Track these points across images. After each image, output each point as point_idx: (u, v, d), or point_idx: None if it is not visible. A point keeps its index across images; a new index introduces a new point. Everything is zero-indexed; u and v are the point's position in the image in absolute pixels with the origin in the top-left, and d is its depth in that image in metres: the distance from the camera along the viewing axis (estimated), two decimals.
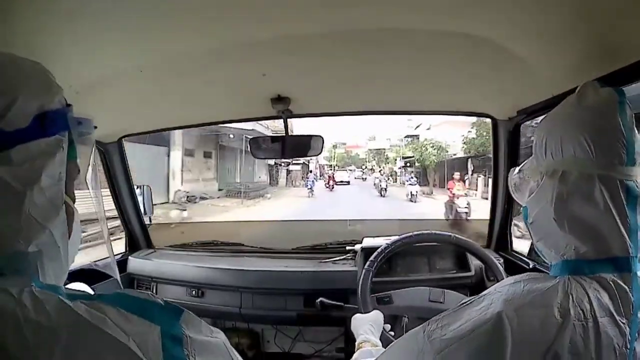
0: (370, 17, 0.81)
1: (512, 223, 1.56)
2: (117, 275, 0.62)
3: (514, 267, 1.42)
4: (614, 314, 0.48)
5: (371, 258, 1.25)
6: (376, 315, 1.08)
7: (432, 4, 0.76)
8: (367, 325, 1.02)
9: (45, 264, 0.40)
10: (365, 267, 1.24)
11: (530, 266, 1.34)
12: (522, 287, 0.52)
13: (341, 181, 25.17)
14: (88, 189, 0.52)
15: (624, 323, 0.48)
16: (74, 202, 0.46)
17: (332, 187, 20.84)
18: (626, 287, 0.50)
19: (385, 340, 1.02)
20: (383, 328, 1.07)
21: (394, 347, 0.61)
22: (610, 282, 0.50)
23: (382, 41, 0.91)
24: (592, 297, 0.49)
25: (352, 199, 16.43)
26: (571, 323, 0.47)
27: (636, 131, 0.53)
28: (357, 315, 1.10)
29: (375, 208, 13.11)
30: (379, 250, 1.26)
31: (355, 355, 0.92)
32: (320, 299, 1.38)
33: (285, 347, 1.68)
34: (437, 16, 0.80)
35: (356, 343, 0.98)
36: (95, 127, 0.49)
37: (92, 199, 0.53)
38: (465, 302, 0.54)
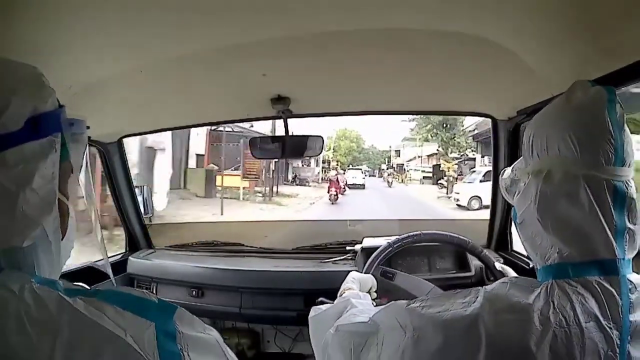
0: (370, 17, 0.81)
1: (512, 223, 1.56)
2: (112, 277, 0.64)
3: (514, 267, 1.42)
4: (600, 318, 0.47)
5: (400, 237, 1.27)
6: (367, 277, 1.10)
7: (432, 4, 0.76)
8: (353, 281, 1.06)
9: (40, 259, 0.42)
10: (391, 241, 1.26)
11: (530, 266, 1.34)
12: (507, 288, 0.51)
13: (353, 184, 17.44)
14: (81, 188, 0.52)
15: (610, 327, 0.47)
16: (68, 199, 0.47)
17: (337, 198, 13.07)
18: (613, 290, 0.48)
19: None
20: (369, 294, 1.08)
21: (382, 311, 0.62)
22: (596, 285, 0.49)
23: (382, 41, 0.91)
24: (575, 303, 0.48)
25: None
26: (551, 331, 0.46)
27: (627, 130, 0.51)
28: (353, 272, 1.13)
29: None
30: (410, 234, 1.27)
31: (345, 294, 0.94)
32: (321, 299, 1.37)
33: (285, 347, 1.68)
34: (437, 16, 0.80)
35: (341, 289, 1.02)
36: (88, 127, 0.50)
37: (85, 199, 0.53)
38: (452, 291, 0.55)
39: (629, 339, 0.47)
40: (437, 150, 19.16)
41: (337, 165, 22.57)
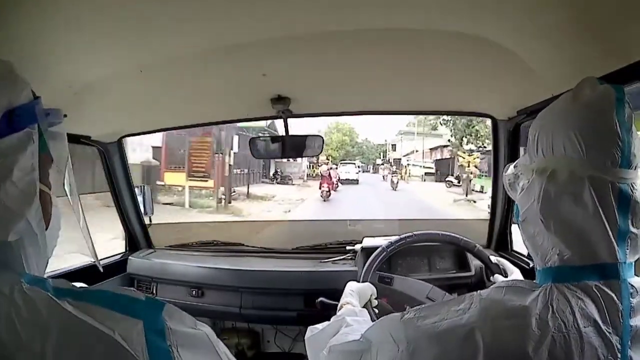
0: (370, 17, 0.81)
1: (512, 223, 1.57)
2: (98, 264, 0.67)
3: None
4: (600, 323, 0.47)
5: (393, 240, 1.27)
6: (365, 287, 1.10)
7: (432, 4, 0.76)
8: (350, 292, 1.05)
9: (27, 251, 0.42)
10: (384, 245, 1.25)
11: (530, 266, 1.34)
12: (502, 294, 0.51)
13: (347, 179, 16.65)
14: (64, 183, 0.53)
15: (610, 332, 0.46)
16: (50, 189, 0.47)
17: (329, 195, 11.91)
18: (613, 295, 0.48)
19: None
20: (370, 302, 1.09)
21: (376, 326, 0.62)
22: (595, 290, 0.48)
23: (382, 41, 0.91)
24: (575, 307, 0.47)
25: None
26: (549, 335, 0.46)
27: (635, 131, 0.50)
28: (351, 282, 1.12)
29: None
30: (401, 237, 1.27)
31: (341, 311, 0.94)
32: (320, 298, 1.38)
33: (285, 347, 1.68)
34: (437, 16, 0.80)
35: (339, 304, 1.01)
36: (65, 116, 0.50)
37: (69, 196, 0.54)
38: (447, 300, 0.54)
39: (630, 344, 0.47)
40: (449, 140, 15.84)
41: (328, 160, 19.69)
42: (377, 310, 1.13)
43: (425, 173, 19.49)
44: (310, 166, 19.98)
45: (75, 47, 0.84)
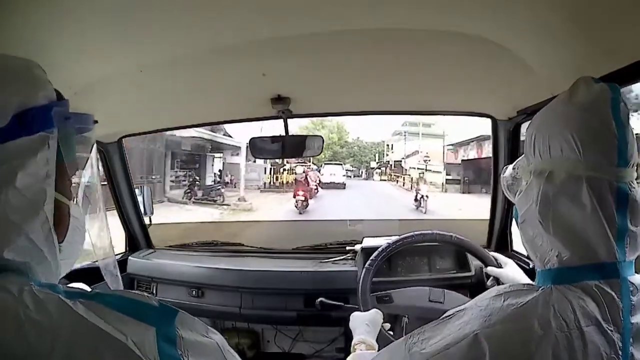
0: (370, 17, 0.81)
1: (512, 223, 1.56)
2: (120, 284, 0.60)
3: None
4: (601, 321, 0.46)
5: (372, 257, 1.26)
6: (374, 315, 1.06)
7: (432, 4, 0.76)
8: (363, 326, 1.01)
9: (33, 267, 0.40)
10: (366, 265, 1.24)
11: (531, 266, 1.34)
12: (502, 301, 0.50)
13: (331, 182, 14.76)
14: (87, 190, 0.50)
15: (611, 330, 0.46)
16: (70, 199, 0.45)
17: (306, 205, 10.34)
18: (613, 294, 0.47)
19: (383, 340, 1.01)
20: (382, 327, 1.07)
21: (379, 357, 0.61)
22: (595, 289, 0.48)
23: (382, 41, 0.91)
24: (575, 307, 0.47)
25: None
26: (552, 335, 0.45)
27: (631, 130, 0.50)
28: (355, 313, 1.09)
29: None
30: (379, 249, 1.26)
31: (349, 358, 0.90)
32: (320, 299, 1.38)
33: (285, 347, 1.68)
34: (437, 16, 0.80)
35: (352, 343, 0.96)
36: (96, 122, 0.47)
37: (92, 202, 0.51)
38: (447, 316, 0.54)
39: (631, 341, 0.47)
40: None
41: (307, 163, 14.81)
42: (392, 332, 1.13)
43: (447, 181, 15.06)
44: (271, 170, 14.95)
45: (75, 47, 0.84)
